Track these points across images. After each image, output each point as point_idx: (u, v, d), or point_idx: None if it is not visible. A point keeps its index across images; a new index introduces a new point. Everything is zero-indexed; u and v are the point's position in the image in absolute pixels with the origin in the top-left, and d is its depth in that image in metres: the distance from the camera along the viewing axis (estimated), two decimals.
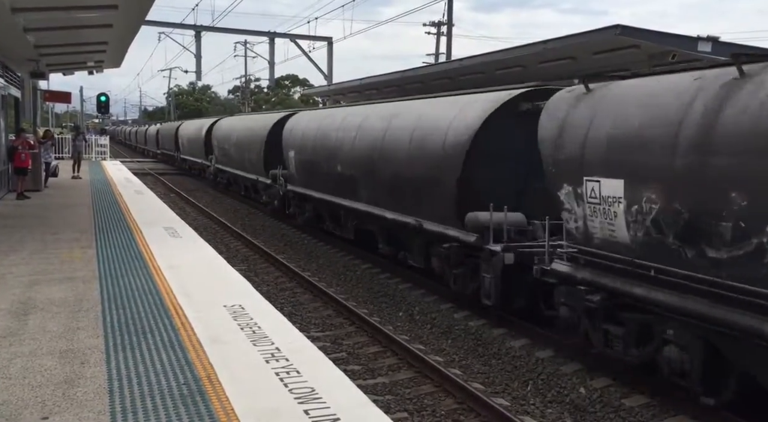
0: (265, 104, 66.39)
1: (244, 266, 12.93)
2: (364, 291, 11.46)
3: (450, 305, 10.02)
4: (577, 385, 7.10)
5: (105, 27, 13.13)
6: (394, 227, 11.32)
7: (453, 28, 31.91)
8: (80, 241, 9.96)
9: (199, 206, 22.46)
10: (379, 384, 7.27)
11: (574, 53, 13.68)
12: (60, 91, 30.55)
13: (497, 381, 7.44)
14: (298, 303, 10.65)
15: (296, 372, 4.64)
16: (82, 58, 19.82)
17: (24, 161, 15.74)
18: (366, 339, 8.85)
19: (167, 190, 27.54)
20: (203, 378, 4.54)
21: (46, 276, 7.60)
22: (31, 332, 5.55)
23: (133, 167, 33.13)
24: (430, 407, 6.69)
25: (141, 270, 7.90)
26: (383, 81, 22.61)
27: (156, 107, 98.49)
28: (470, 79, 17.24)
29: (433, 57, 36.96)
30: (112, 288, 7.03)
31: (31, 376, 4.58)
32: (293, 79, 79.87)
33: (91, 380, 4.51)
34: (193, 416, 3.94)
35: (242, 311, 6.14)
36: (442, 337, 8.99)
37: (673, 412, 6.36)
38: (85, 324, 5.76)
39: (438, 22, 36.56)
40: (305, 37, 35.90)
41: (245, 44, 51.01)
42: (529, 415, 6.52)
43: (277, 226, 18.39)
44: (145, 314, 6.07)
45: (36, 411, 4.02)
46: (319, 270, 13.07)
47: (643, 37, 11.96)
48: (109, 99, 31.44)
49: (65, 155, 31.21)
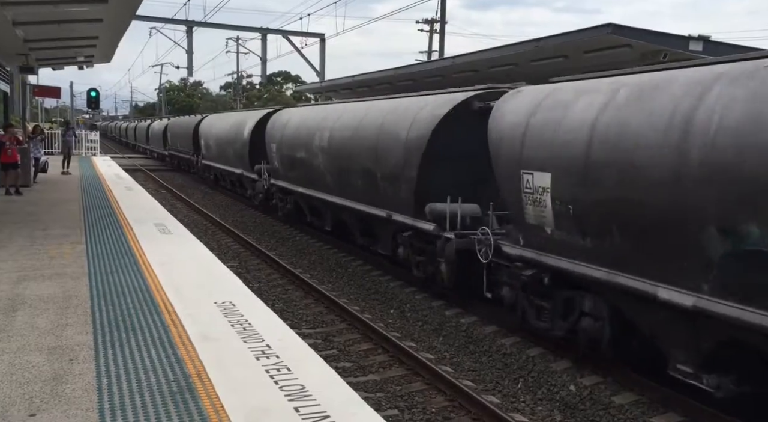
0: (257, 101, 66.16)
1: (235, 263, 12.89)
2: (356, 288, 11.45)
3: (442, 303, 10.03)
4: (567, 383, 7.13)
5: (95, 21, 13.04)
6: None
7: (446, 25, 31.92)
8: (69, 237, 9.88)
9: (189, 202, 22.37)
10: (370, 382, 7.26)
11: (565, 52, 13.73)
12: (49, 86, 30.34)
13: (488, 379, 7.46)
14: (289, 300, 10.63)
15: (287, 369, 4.62)
16: (72, 53, 19.69)
17: (11, 156, 15.61)
18: (357, 336, 8.84)
19: (158, 186, 27.41)
20: (193, 375, 4.51)
21: (34, 272, 7.54)
22: (19, 328, 5.51)
23: (124, 163, 32.94)
24: (421, 404, 6.70)
25: (131, 267, 7.85)
26: (375, 78, 22.61)
27: (147, 103, 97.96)
28: (463, 77, 17.25)
29: (426, 54, 36.97)
30: (102, 285, 6.98)
31: (19, 373, 4.54)
32: (285, 75, 79.68)
33: (80, 377, 4.47)
34: (183, 413, 3.92)
35: (233, 308, 6.12)
36: (433, 334, 9.00)
37: (662, 409, 6.40)
38: (73, 321, 5.71)
39: (431, 19, 36.59)
40: (298, 33, 35.85)
41: (237, 40, 50.87)
42: (520, 412, 6.54)
43: (268, 223, 18.35)
44: (134, 310, 6.03)
45: (23, 408, 3.99)
46: (311, 267, 13.05)
47: (635, 36, 12.02)
48: (100, 94, 31.22)
49: (55, 151, 31.01)
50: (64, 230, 10.47)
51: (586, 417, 6.44)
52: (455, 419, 6.38)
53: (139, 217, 11.98)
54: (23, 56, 17.65)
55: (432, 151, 9.71)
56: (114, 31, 15.06)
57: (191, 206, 21.52)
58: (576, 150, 6.77)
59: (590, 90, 7.09)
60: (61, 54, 19.94)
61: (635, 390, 6.82)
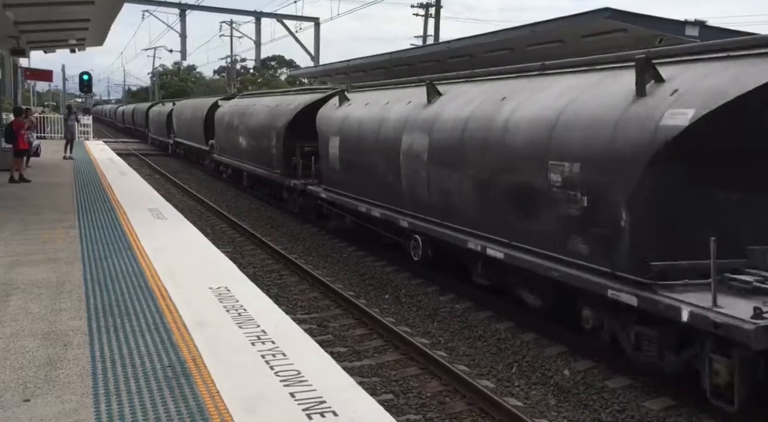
0: (251, 85, 65.73)
1: (230, 248, 12.86)
2: (351, 274, 11.45)
3: (436, 288, 10.05)
4: (561, 367, 7.17)
5: (86, 4, 12.88)
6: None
7: (441, 10, 31.68)
8: (63, 222, 9.83)
9: (184, 187, 22.27)
10: (365, 366, 7.29)
11: (562, 36, 13.63)
12: (41, 70, 30.03)
13: (482, 363, 7.50)
14: (284, 285, 10.63)
15: (282, 355, 4.63)
16: (64, 36, 19.44)
17: (27, 142, 15.41)
18: (352, 321, 8.86)
19: (152, 171, 27.28)
20: (188, 360, 4.51)
21: (27, 257, 7.50)
22: (13, 313, 5.48)
23: (117, 147, 32.75)
24: (416, 389, 6.73)
25: (125, 252, 7.82)
26: (370, 63, 22.41)
27: (140, 87, 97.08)
28: (458, 62, 17.13)
29: (421, 39, 36.73)
30: (96, 270, 6.95)
31: (13, 358, 4.53)
32: (279, 60, 79.15)
33: (74, 362, 4.46)
34: (178, 399, 3.92)
35: (228, 294, 6.11)
36: (428, 319, 9.02)
37: (655, 394, 6.44)
38: (67, 306, 5.70)
39: (426, 3, 36.29)
40: (292, 17, 35.50)
41: (231, 24, 50.39)
42: (514, 397, 6.57)
43: (263, 208, 18.30)
44: (129, 296, 6.01)
45: (18, 394, 3.98)
46: (306, 253, 13.04)
47: (631, 21, 11.93)
48: (92, 78, 30.91)
49: (47, 135, 30.76)
50: (57, 215, 10.41)
51: (579, 401, 6.49)
52: (450, 403, 6.41)
53: (133, 202, 11.92)
54: (14, 39, 17.41)
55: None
56: (106, 14, 14.88)
57: (185, 191, 21.43)
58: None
59: None
60: (53, 37, 19.69)
61: (628, 374, 6.86)
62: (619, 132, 6.30)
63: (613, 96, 6.76)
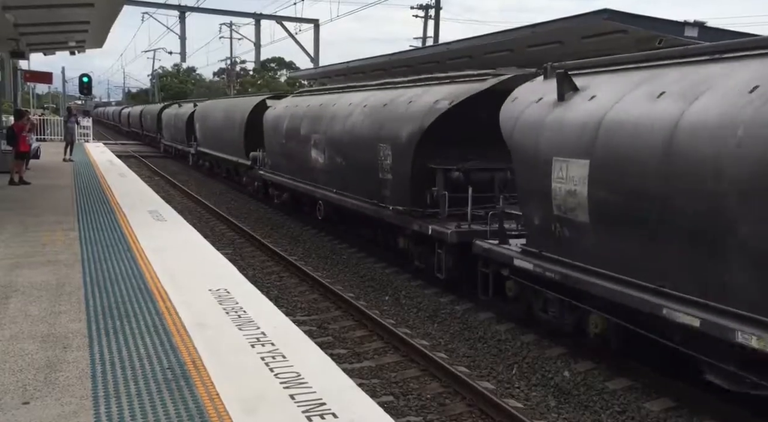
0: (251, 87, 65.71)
1: (229, 250, 12.86)
2: (351, 275, 11.45)
3: (436, 290, 10.04)
4: (561, 369, 7.16)
5: (86, 6, 12.88)
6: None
7: (441, 11, 31.69)
8: (63, 224, 9.82)
9: (183, 189, 22.27)
10: (365, 368, 7.28)
11: (561, 38, 13.64)
12: (41, 72, 30.00)
13: (483, 365, 7.49)
14: (284, 287, 10.62)
15: (282, 357, 4.62)
16: (64, 38, 19.44)
17: (28, 144, 15.37)
18: (352, 322, 8.85)
19: (151, 173, 27.27)
20: (188, 362, 4.50)
21: (27, 260, 7.49)
22: (12, 316, 5.48)
23: (117, 149, 32.74)
24: (416, 390, 6.72)
25: (125, 254, 7.81)
26: (370, 64, 22.42)
27: (140, 89, 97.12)
28: (458, 63, 17.14)
29: (421, 41, 36.74)
30: (95, 272, 6.94)
31: (12, 360, 4.52)
32: (279, 61, 79.10)
33: (74, 364, 4.45)
34: (178, 401, 3.91)
35: (228, 296, 6.10)
36: (428, 321, 9.01)
37: (655, 395, 6.44)
38: (67, 308, 5.69)
39: (425, 5, 36.31)
40: (292, 18, 35.49)
41: (231, 26, 50.41)
42: (514, 398, 6.56)
43: (262, 210, 18.30)
44: (128, 298, 6.00)
45: (17, 396, 3.97)
46: (306, 254, 13.03)
47: (630, 22, 11.93)
48: (92, 80, 30.90)
49: (47, 138, 30.76)
50: (57, 217, 10.40)
51: (580, 403, 6.48)
52: (450, 405, 6.40)
53: (132, 204, 11.91)
54: (14, 41, 17.40)
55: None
56: (105, 16, 14.87)
57: (185, 193, 21.41)
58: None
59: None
60: (52, 39, 19.68)
61: (628, 375, 6.85)
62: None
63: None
